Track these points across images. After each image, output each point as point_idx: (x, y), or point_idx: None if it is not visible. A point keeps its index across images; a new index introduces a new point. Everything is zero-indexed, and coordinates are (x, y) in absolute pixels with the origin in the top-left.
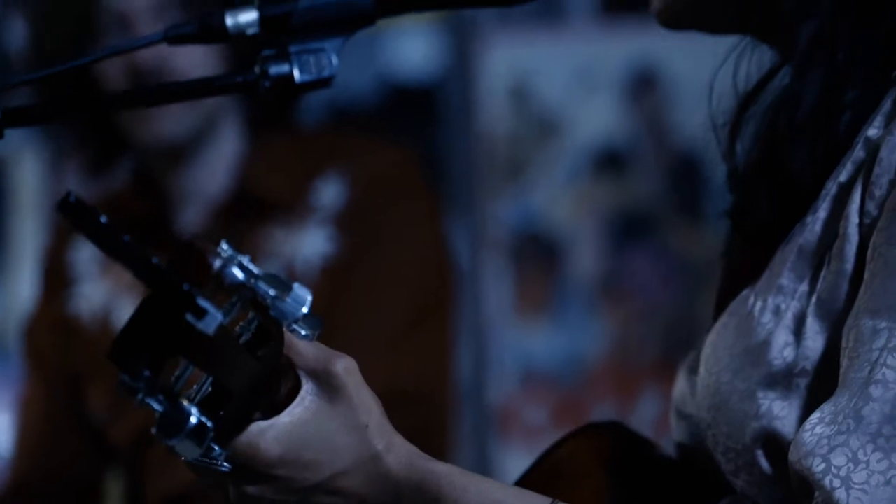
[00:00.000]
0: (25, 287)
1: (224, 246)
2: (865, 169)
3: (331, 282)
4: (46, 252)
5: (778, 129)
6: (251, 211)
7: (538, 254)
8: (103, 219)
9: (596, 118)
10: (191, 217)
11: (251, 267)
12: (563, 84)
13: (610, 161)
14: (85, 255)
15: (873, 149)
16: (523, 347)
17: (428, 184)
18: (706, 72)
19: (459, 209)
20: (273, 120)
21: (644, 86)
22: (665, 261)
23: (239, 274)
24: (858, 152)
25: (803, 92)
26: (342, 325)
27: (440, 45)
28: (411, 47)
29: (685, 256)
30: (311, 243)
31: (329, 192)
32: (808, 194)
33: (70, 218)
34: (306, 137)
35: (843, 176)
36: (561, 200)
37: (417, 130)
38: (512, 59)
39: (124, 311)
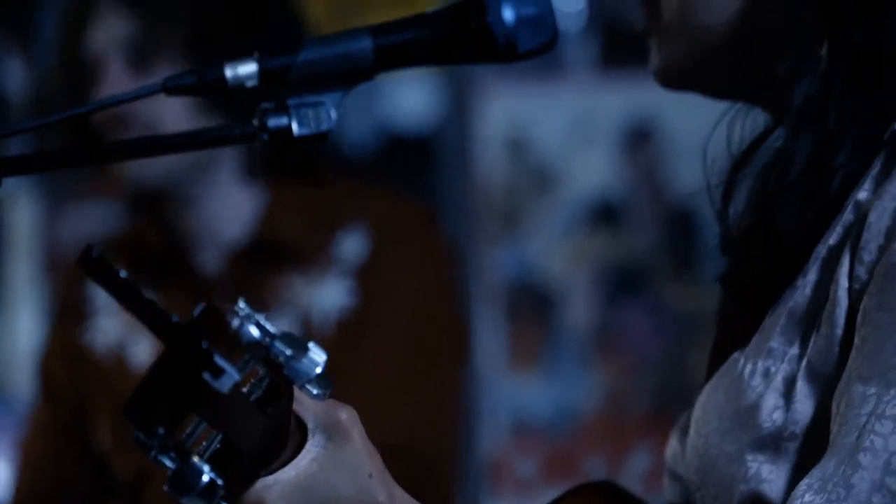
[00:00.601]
0: (22, 330)
1: (241, 304)
2: (854, 233)
3: (346, 336)
4: (64, 283)
5: (769, 190)
6: (270, 258)
7: (532, 305)
8: (123, 274)
9: (592, 170)
10: (208, 260)
11: (268, 326)
12: (559, 136)
13: (605, 213)
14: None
15: (862, 213)
16: (515, 398)
17: (448, 241)
18: (702, 127)
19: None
20: (297, 168)
21: (640, 139)
22: (658, 314)
23: (256, 332)
24: (848, 216)
25: (795, 154)
26: (350, 377)
27: (438, 94)
28: (410, 96)
29: (678, 310)
30: (329, 295)
31: (350, 245)
32: (799, 257)
33: (90, 272)
34: (330, 187)
35: (832, 239)
36: (556, 252)
37: (414, 179)
38: (509, 110)
39: (139, 348)
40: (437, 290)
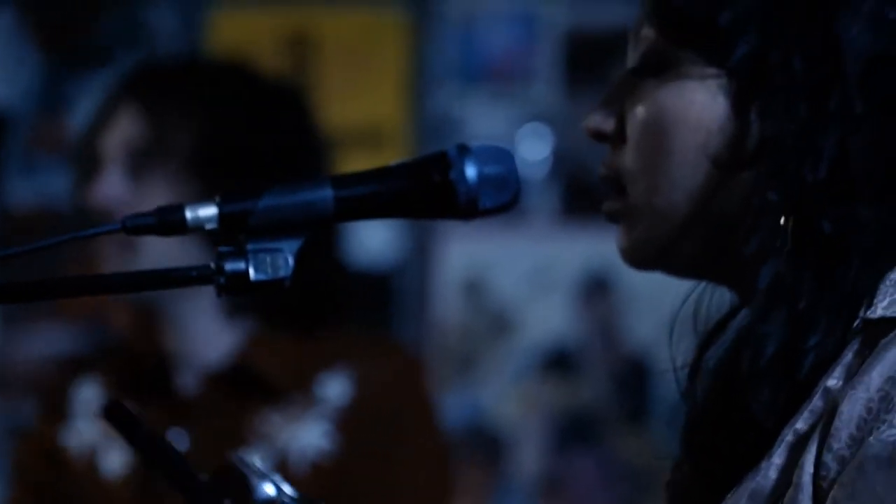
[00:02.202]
0: None
1: (257, 462)
2: (824, 420)
3: (320, 479)
4: (51, 382)
5: (740, 371)
6: (251, 389)
7: (482, 449)
8: (146, 428)
9: (548, 318)
10: (190, 383)
11: (284, 487)
12: (517, 282)
13: (559, 362)
14: (86, 394)
15: (832, 400)
16: None
17: (434, 395)
18: (660, 280)
19: None
20: (293, 308)
21: (598, 290)
22: (608, 465)
23: (272, 491)
24: (817, 401)
25: (766, 335)
26: None
27: (399, 233)
28: (370, 234)
29: (628, 462)
30: (307, 435)
31: (334, 388)
32: (765, 439)
33: (114, 424)
34: (320, 329)
35: (800, 424)
36: (508, 397)
37: (371, 317)
38: (469, 254)
39: (111, 454)
40: (424, 447)
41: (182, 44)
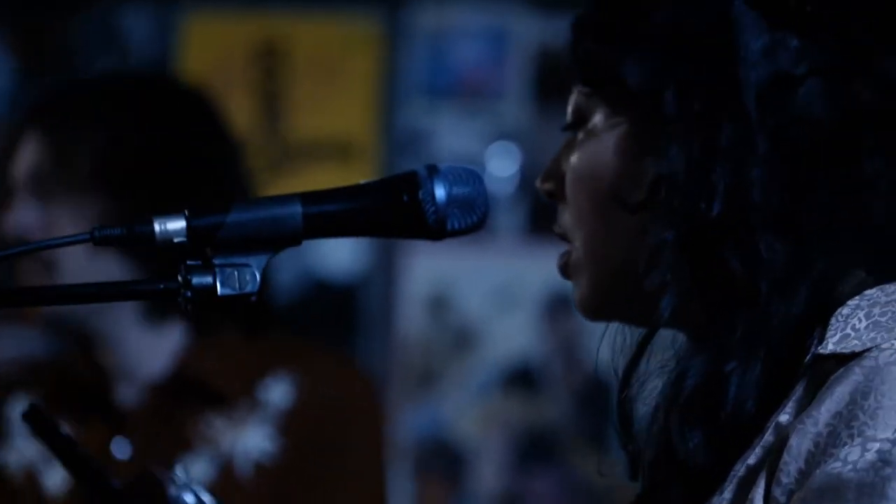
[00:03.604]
0: None
1: (179, 472)
2: (774, 454)
3: (264, 481)
4: None
5: (667, 410)
6: (193, 395)
7: (442, 464)
8: (64, 432)
9: (512, 335)
10: (129, 394)
11: (203, 496)
12: (482, 298)
13: (521, 379)
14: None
15: (783, 435)
16: None
17: (380, 402)
18: None
19: None
20: (225, 317)
21: (562, 308)
22: (568, 483)
23: (191, 500)
24: (768, 437)
25: (689, 368)
26: None
27: (364, 247)
28: (335, 248)
29: (587, 480)
30: (251, 438)
31: (277, 392)
32: (713, 474)
33: (33, 427)
34: (263, 336)
35: (751, 459)
36: (469, 413)
37: (335, 329)
38: (434, 269)
39: (52, 471)
40: (367, 454)
41: (155, 50)
